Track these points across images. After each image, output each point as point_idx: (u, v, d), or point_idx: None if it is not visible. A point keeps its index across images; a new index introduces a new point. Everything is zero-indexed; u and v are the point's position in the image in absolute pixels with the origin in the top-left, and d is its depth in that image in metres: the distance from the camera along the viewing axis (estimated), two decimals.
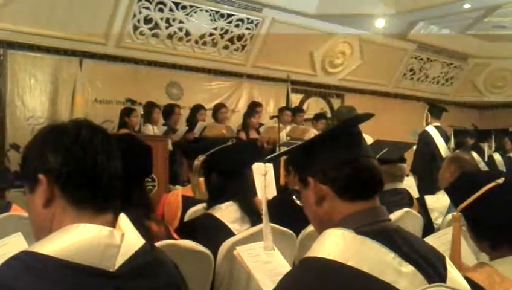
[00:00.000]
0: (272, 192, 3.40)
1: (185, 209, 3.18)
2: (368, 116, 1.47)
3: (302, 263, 1.34)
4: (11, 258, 1.11)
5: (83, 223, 1.16)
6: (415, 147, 6.70)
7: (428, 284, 1.26)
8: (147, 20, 7.75)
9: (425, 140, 6.81)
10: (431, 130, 6.82)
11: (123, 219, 1.24)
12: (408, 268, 1.28)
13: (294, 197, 1.81)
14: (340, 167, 1.38)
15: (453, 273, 1.36)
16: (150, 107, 7.07)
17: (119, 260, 1.15)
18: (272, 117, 7.80)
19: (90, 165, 1.20)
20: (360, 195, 1.37)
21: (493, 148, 7.70)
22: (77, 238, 1.13)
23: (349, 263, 1.25)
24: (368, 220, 1.35)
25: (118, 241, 1.16)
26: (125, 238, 1.18)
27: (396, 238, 1.33)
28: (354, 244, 1.29)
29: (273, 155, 1.76)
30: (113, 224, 1.21)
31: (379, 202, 1.42)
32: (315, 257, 1.30)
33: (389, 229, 1.36)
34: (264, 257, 1.88)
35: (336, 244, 1.30)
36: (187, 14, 7.98)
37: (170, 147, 6.37)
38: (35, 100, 7.20)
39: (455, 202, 1.90)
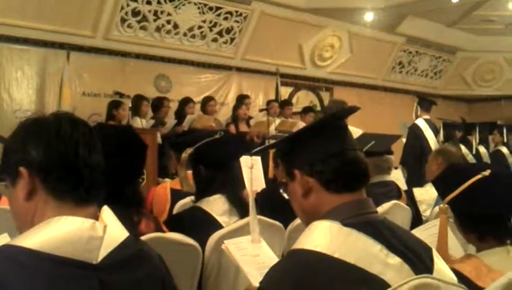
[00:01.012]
0: (261, 185, 3.40)
1: (173, 202, 3.16)
2: (353, 110, 1.47)
3: (289, 255, 1.34)
4: None
5: (65, 216, 1.15)
6: (404, 140, 6.71)
7: (415, 276, 1.26)
8: (135, 13, 7.69)
9: (415, 133, 6.83)
10: (421, 123, 6.83)
11: (106, 211, 1.23)
12: (395, 260, 1.28)
13: (281, 190, 1.80)
14: (326, 159, 1.38)
15: (440, 265, 1.37)
16: (138, 100, 7.04)
17: (102, 252, 1.15)
18: (261, 110, 7.80)
19: (72, 158, 1.19)
20: (347, 187, 1.38)
21: (477, 141, 7.76)
22: (59, 231, 1.13)
23: (336, 255, 1.26)
24: (355, 212, 1.35)
25: (100, 234, 1.16)
26: (108, 230, 1.18)
27: (383, 230, 1.33)
28: (340, 236, 1.29)
29: (259, 148, 1.75)
30: (95, 216, 1.21)
31: (366, 194, 1.42)
32: (302, 249, 1.30)
33: (376, 221, 1.36)
34: (252, 250, 1.88)
35: (323, 236, 1.30)
36: (175, 7, 7.94)
37: (159, 140, 6.35)
38: (22, 93, 7.14)
39: (442, 194, 1.91)
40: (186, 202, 2.97)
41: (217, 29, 8.53)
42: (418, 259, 1.33)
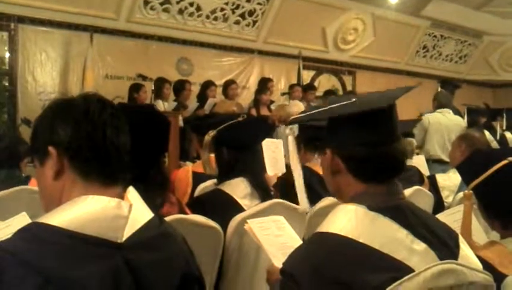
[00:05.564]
0: (282, 168, 3.39)
1: (195, 185, 3.18)
2: (407, 89, 1.44)
3: (313, 237, 1.34)
4: (21, 229, 1.13)
5: (91, 195, 1.17)
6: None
7: (439, 261, 1.25)
8: None
9: None
10: None
11: (131, 192, 1.25)
12: (420, 246, 1.28)
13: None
14: (361, 147, 1.35)
15: (466, 251, 1.36)
16: (160, 82, 7.05)
17: (128, 232, 1.16)
18: (283, 94, 7.74)
19: (99, 139, 1.21)
20: (376, 179, 1.36)
21: (504, 127, 7.61)
22: (86, 210, 1.15)
23: (361, 240, 1.25)
24: (382, 198, 1.34)
25: (125, 213, 1.18)
26: (133, 210, 1.19)
27: (409, 216, 1.33)
28: (366, 221, 1.29)
29: (301, 115, 1.62)
30: (121, 197, 1.22)
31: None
32: (326, 232, 1.30)
33: (403, 206, 1.35)
34: (275, 231, 1.88)
35: (348, 220, 1.30)
36: None
37: (181, 123, 6.37)
38: (46, 75, 7.21)
39: (466, 179, 1.88)
40: (208, 184, 2.99)
41: (239, 12, 8.48)
42: (444, 245, 1.32)
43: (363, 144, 1.36)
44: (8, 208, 2.71)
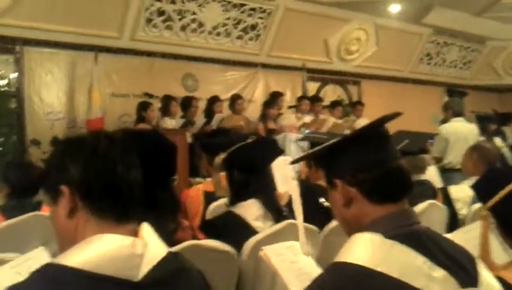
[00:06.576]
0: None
1: (206, 204, 3.17)
2: (393, 116, 1.43)
3: (331, 268, 1.32)
4: (36, 271, 1.13)
5: (105, 234, 1.16)
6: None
7: (460, 289, 1.23)
8: (160, 13, 7.74)
9: None
10: None
11: (146, 228, 1.24)
12: (439, 272, 1.25)
13: (323, 199, 1.77)
14: (369, 169, 1.35)
15: (485, 276, 1.34)
16: (167, 100, 7.08)
17: (143, 270, 1.16)
18: (290, 107, 7.72)
19: (110, 176, 1.21)
20: (390, 198, 1.35)
21: None
22: (100, 249, 1.14)
23: (379, 269, 1.23)
24: (397, 223, 1.32)
25: (140, 251, 1.17)
26: (148, 247, 1.18)
27: (426, 242, 1.30)
28: (383, 249, 1.27)
29: (298, 157, 1.73)
30: (135, 233, 1.21)
31: (408, 204, 1.39)
32: (344, 262, 1.28)
33: (419, 232, 1.33)
34: (291, 257, 1.86)
35: (365, 249, 1.28)
36: (199, 5, 7.96)
37: (189, 139, 6.37)
38: (52, 96, 7.24)
39: (482, 198, 1.86)
40: (219, 204, 2.97)
41: (241, 26, 8.52)
42: (463, 270, 1.30)
43: (373, 164, 1.35)
44: (21, 235, 2.71)
